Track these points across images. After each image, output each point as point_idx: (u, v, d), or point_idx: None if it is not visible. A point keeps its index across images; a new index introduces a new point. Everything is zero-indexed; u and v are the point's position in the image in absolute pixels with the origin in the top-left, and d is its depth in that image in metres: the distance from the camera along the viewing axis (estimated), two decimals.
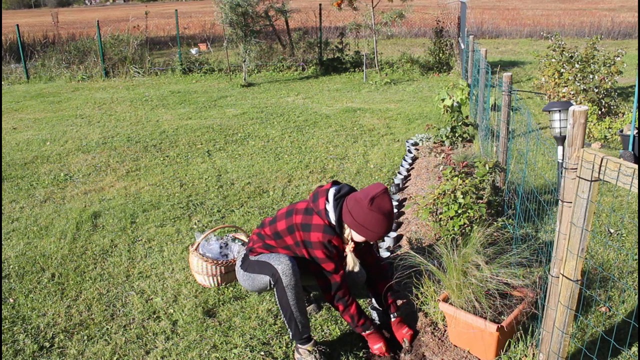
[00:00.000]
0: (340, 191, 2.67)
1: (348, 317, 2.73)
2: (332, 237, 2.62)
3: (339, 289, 2.68)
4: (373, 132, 7.33)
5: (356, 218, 2.54)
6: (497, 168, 4.49)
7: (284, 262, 2.63)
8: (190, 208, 4.83)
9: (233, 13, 11.16)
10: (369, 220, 2.52)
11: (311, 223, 2.64)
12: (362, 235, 2.59)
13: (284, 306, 2.66)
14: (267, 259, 2.70)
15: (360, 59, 13.19)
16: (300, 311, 2.67)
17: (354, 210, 2.55)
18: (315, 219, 2.65)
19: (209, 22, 21.45)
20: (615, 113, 7.52)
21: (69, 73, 13.26)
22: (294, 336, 2.72)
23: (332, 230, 2.63)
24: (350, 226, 2.59)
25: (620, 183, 1.80)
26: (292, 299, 2.64)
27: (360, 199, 2.54)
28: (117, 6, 59.90)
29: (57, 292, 3.48)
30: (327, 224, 2.63)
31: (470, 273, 2.71)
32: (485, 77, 5.75)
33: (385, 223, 2.54)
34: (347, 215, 2.57)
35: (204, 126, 7.93)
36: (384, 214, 2.52)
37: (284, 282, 2.61)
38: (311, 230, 2.63)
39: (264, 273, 2.69)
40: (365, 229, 2.54)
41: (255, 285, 2.78)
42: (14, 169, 6.12)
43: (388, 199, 2.54)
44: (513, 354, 2.68)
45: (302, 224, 2.66)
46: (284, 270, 2.61)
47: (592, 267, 3.47)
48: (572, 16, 23.03)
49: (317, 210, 2.65)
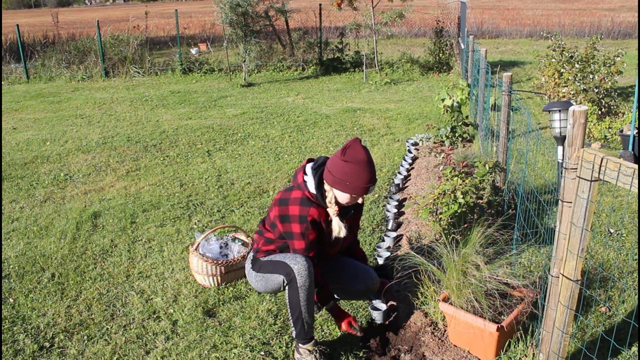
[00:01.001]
0: (318, 162, 2.69)
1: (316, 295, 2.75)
2: (309, 208, 2.61)
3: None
4: (373, 132, 7.33)
5: (335, 174, 2.55)
6: (497, 168, 4.49)
7: (301, 262, 2.60)
8: (190, 208, 4.83)
9: (233, 13, 11.16)
10: (346, 172, 2.51)
11: (289, 197, 2.66)
12: (344, 191, 2.57)
13: (293, 306, 2.63)
14: (283, 259, 2.68)
15: (360, 59, 13.20)
16: (309, 312, 2.65)
17: (331, 167, 2.57)
18: (293, 193, 2.66)
19: (209, 22, 21.45)
20: (615, 113, 7.52)
21: (69, 73, 13.26)
22: (297, 335, 2.70)
23: (310, 202, 2.63)
24: (332, 185, 2.58)
25: (620, 183, 1.80)
26: (303, 300, 2.61)
27: (335, 155, 2.59)
28: (117, 6, 59.90)
29: (57, 292, 3.48)
30: (305, 196, 2.63)
31: (470, 273, 2.71)
32: (485, 77, 5.75)
33: (362, 172, 2.51)
34: (327, 175, 2.59)
35: (204, 126, 7.93)
36: (359, 163, 2.51)
37: (298, 282, 2.58)
38: (289, 204, 2.63)
39: (278, 272, 2.67)
40: (344, 183, 2.53)
41: (269, 286, 2.76)
42: (14, 169, 6.12)
43: (361, 148, 2.54)
44: (513, 354, 2.68)
45: (281, 199, 2.68)
46: (299, 270, 2.58)
47: (592, 267, 3.47)
48: (572, 16, 23.03)
49: (297, 185, 2.67)
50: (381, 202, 4.83)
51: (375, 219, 4.45)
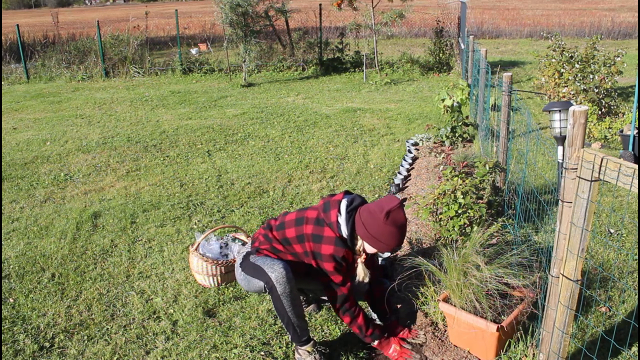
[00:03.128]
0: (353, 202, 2.64)
1: (356, 328, 2.72)
2: (344, 250, 2.59)
3: (346, 300, 2.66)
4: (373, 132, 7.33)
5: (370, 231, 2.52)
6: (497, 168, 4.49)
7: (278, 271, 2.59)
8: (190, 208, 4.83)
9: (233, 13, 11.15)
10: (383, 233, 2.50)
11: (323, 235, 2.61)
12: (375, 248, 2.58)
13: (280, 312, 2.65)
14: (262, 265, 2.67)
15: (360, 59, 13.19)
16: (297, 316, 2.65)
17: (367, 222, 2.53)
18: (327, 230, 2.61)
19: (209, 22, 21.45)
20: (615, 113, 7.52)
21: (69, 73, 13.25)
22: (292, 339, 2.73)
23: (344, 244, 2.60)
24: (364, 238, 2.57)
25: (620, 183, 1.80)
26: (287, 306, 2.62)
27: (374, 212, 2.52)
28: (117, 6, 59.89)
29: (57, 292, 3.48)
30: (338, 236, 2.60)
31: (470, 273, 2.71)
32: (485, 77, 5.75)
33: (399, 236, 2.54)
34: (361, 228, 2.55)
35: (204, 126, 7.93)
36: (398, 227, 2.51)
37: (278, 291, 2.59)
38: (322, 243, 2.60)
39: (258, 278, 2.67)
40: (379, 242, 2.53)
41: (251, 287, 2.76)
42: (14, 169, 6.12)
43: (403, 213, 2.53)
44: (513, 354, 2.68)
45: (313, 235, 2.63)
46: (277, 278, 2.58)
47: (592, 267, 3.47)
48: (572, 16, 23.02)
49: (329, 222, 2.62)
50: None
51: None
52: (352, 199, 2.67)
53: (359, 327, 2.70)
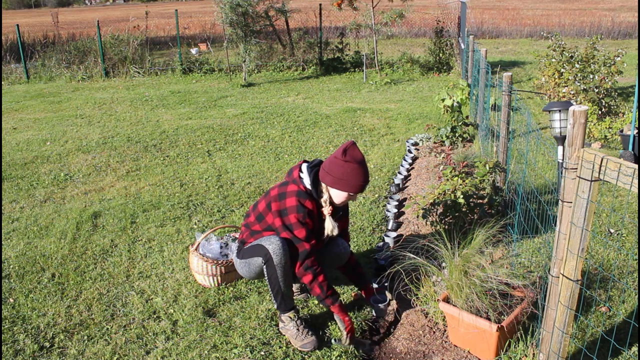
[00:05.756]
0: (312, 162, 2.88)
1: (317, 287, 2.79)
2: (306, 200, 2.75)
3: (308, 256, 2.76)
4: (373, 132, 7.33)
5: (334, 174, 2.72)
6: (497, 168, 4.49)
7: (275, 242, 2.75)
8: (191, 208, 4.83)
9: (233, 13, 11.15)
10: (345, 171, 2.69)
11: (286, 190, 2.80)
12: (343, 190, 2.74)
13: (272, 282, 2.80)
14: (259, 242, 2.83)
15: (360, 59, 13.19)
16: (286, 286, 2.82)
17: (329, 168, 2.74)
18: (290, 186, 2.80)
19: (209, 22, 21.46)
20: (616, 113, 7.52)
21: (69, 73, 13.25)
22: (278, 307, 2.89)
23: (306, 194, 2.77)
24: (332, 185, 2.75)
25: (620, 183, 1.80)
26: (280, 276, 2.77)
27: (333, 158, 2.75)
28: (117, 6, 59.89)
29: (57, 292, 3.48)
30: (301, 189, 2.78)
31: (470, 273, 2.71)
32: (485, 77, 5.74)
33: (361, 171, 2.72)
34: (325, 176, 2.76)
35: (204, 126, 7.93)
36: (359, 163, 2.71)
37: (274, 261, 2.74)
38: (286, 197, 2.77)
39: (256, 255, 2.82)
40: (345, 182, 2.71)
41: (252, 270, 2.91)
42: (14, 169, 6.12)
43: (358, 149, 2.75)
44: (513, 354, 2.68)
45: (279, 194, 2.81)
46: (274, 249, 2.73)
47: (592, 267, 3.47)
48: (572, 16, 23.02)
49: (293, 180, 2.82)
50: (381, 202, 4.83)
51: (375, 219, 4.45)
52: (312, 161, 2.90)
53: (319, 285, 2.79)
